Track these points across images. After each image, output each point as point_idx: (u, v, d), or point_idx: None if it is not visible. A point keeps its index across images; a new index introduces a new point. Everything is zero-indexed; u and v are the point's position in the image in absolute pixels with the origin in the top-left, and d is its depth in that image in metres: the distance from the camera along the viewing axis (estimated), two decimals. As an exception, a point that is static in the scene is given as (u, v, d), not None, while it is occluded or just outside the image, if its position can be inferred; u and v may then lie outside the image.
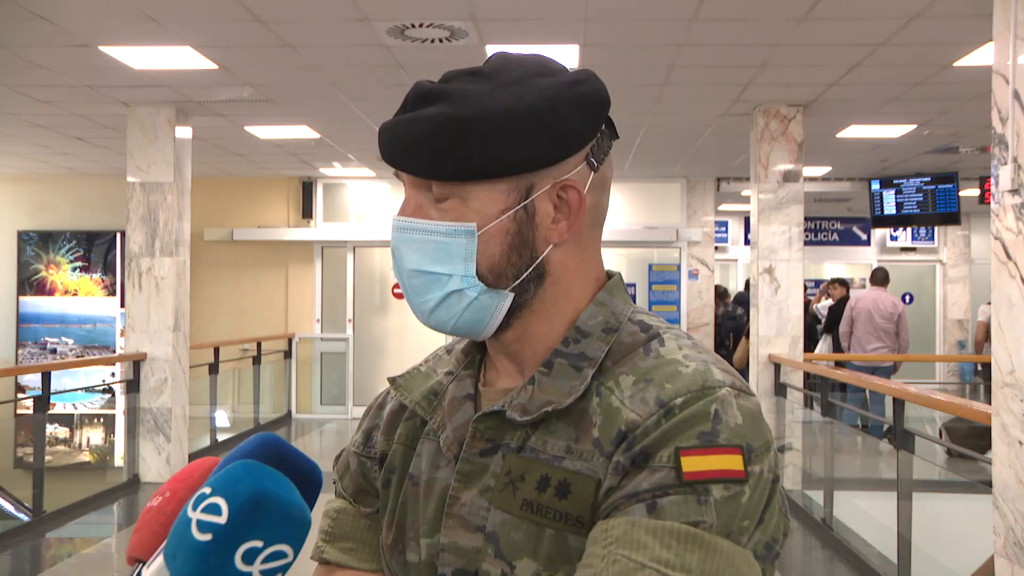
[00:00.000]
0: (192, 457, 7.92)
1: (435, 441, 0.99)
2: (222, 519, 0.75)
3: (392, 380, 1.05)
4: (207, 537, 0.75)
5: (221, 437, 9.44)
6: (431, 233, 0.91)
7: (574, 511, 0.86)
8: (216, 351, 9.42)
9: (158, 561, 0.78)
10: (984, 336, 11.01)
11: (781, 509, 0.87)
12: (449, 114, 0.88)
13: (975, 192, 10.38)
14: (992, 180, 3.56)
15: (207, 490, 0.77)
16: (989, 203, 8.55)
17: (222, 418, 9.92)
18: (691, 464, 0.81)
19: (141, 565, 0.81)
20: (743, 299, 11.76)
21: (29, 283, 11.23)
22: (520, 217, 0.91)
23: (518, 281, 0.93)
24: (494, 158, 0.88)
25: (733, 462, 0.82)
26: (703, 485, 0.81)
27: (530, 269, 0.93)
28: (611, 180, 0.98)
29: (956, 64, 5.91)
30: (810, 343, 10.24)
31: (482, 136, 0.88)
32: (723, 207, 13.14)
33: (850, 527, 5.91)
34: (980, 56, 5.64)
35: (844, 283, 10.87)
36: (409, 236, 0.93)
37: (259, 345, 10.52)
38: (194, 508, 0.76)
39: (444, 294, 0.92)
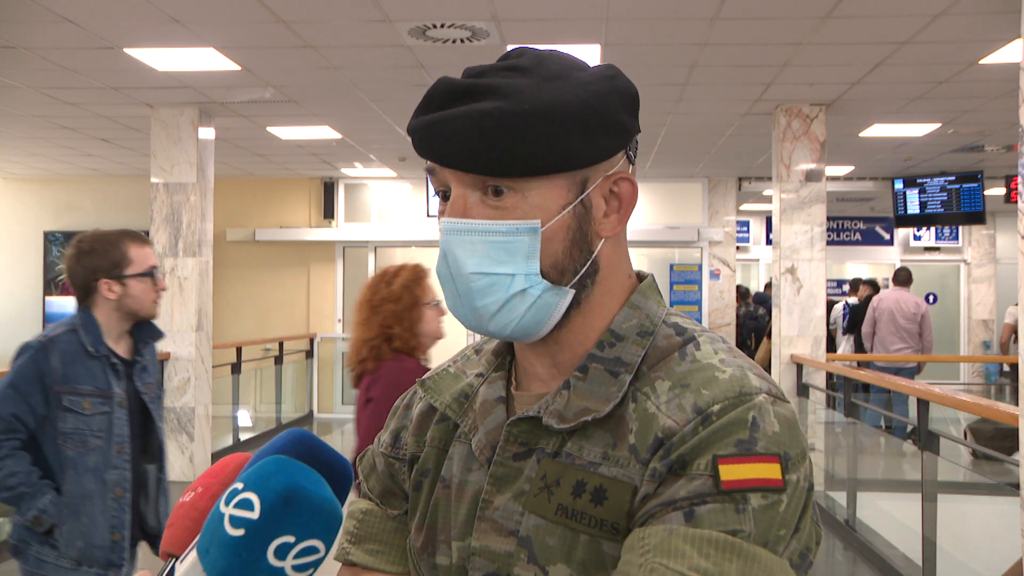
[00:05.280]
0: (215, 456, 7.97)
1: (467, 444, 0.97)
2: (255, 514, 0.75)
3: (421, 382, 1.04)
4: (240, 532, 0.75)
5: (243, 436, 9.49)
6: (489, 233, 0.88)
7: (609, 518, 0.85)
8: (238, 351, 9.47)
9: (191, 556, 0.79)
10: (1010, 337, 10.90)
11: (813, 518, 0.87)
12: (506, 109, 0.85)
13: (1000, 191, 10.28)
14: (1019, 178, 3.52)
15: (239, 485, 0.77)
16: (1015, 202, 8.48)
17: (244, 417, 9.98)
18: (729, 472, 0.81)
19: (174, 560, 0.81)
20: (764, 299, 11.71)
21: (55, 283, 11.34)
22: (579, 212, 0.90)
23: (577, 277, 0.92)
24: (557, 152, 0.87)
25: (771, 471, 0.82)
26: (741, 494, 0.80)
27: (587, 264, 0.92)
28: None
29: (982, 62, 5.85)
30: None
31: (546, 131, 0.86)
32: (745, 207, 13.08)
33: (874, 528, 5.86)
34: (1007, 53, 5.58)
35: (873, 284, 10.80)
36: (465, 238, 0.89)
37: (281, 345, 10.58)
38: (227, 503, 0.77)
39: (509, 295, 0.89)
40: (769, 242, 12.36)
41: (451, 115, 0.87)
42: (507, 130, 0.85)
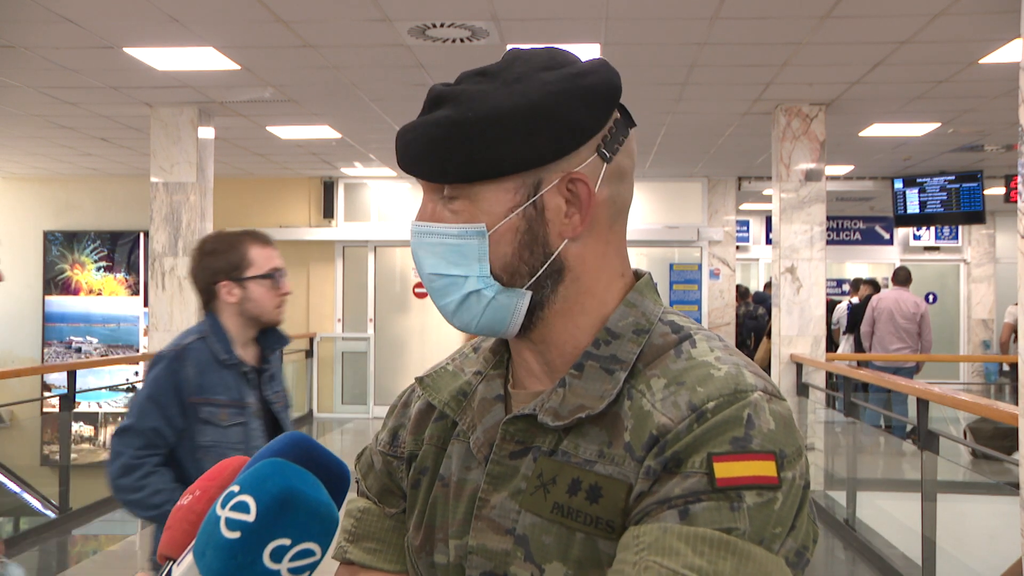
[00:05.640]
0: (215, 455, 7.97)
1: (465, 442, 0.98)
2: (250, 517, 0.75)
3: (419, 379, 1.04)
4: (236, 535, 0.75)
5: (243, 436, 9.48)
6: (444, 236, 0.92)
7: (605, 515, 0.85)
8: (238, 350, 9.46)
9: (188, 559, 0.78)
10: (1009, 337, 10.90)
11: (810, 516, 0.86)
12: (452, 117, 0.89)
13: (1000, 191, 10.28)
14: (1019, 178, 3.52)
15: (236, 488, 0.77)
16: (1015, 201, 8.48)
17: (244, 417, 9.96)
18: (724, 470, 0.81)
19: (171, 563, 0.81)
20: (763, 298, 11.71)
21: (54, 283, 11.34)
22: (529, 214, 0.90)
23: (534, 279, 0.92)
24: (496, 158, 0.88)
25: (766, 468, 0.82)
26: (736, 491, 0.80)
27: (545, 266, 0.92)
28: (631, 170, 0.96)
29: (981, 61, 5.85)
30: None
31: (483, 137, 0.88)
32: (744, 206, 13.09)
33: (873, 528, 5.87)
34: (1006, 53, 5.58)
35: (874, 284, 10.80)
36: (426, 240, 0.94)
37: (281, 344, 10.56)
38: (223, 506, 0.77)
39: (463, 295, 0.92)
40: (769, 242, 12.36)
41: (413, 125, 0.92)
42: (446, 138, 0.89)
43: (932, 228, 13.18)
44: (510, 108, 0.88)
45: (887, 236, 13.78)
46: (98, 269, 11.30)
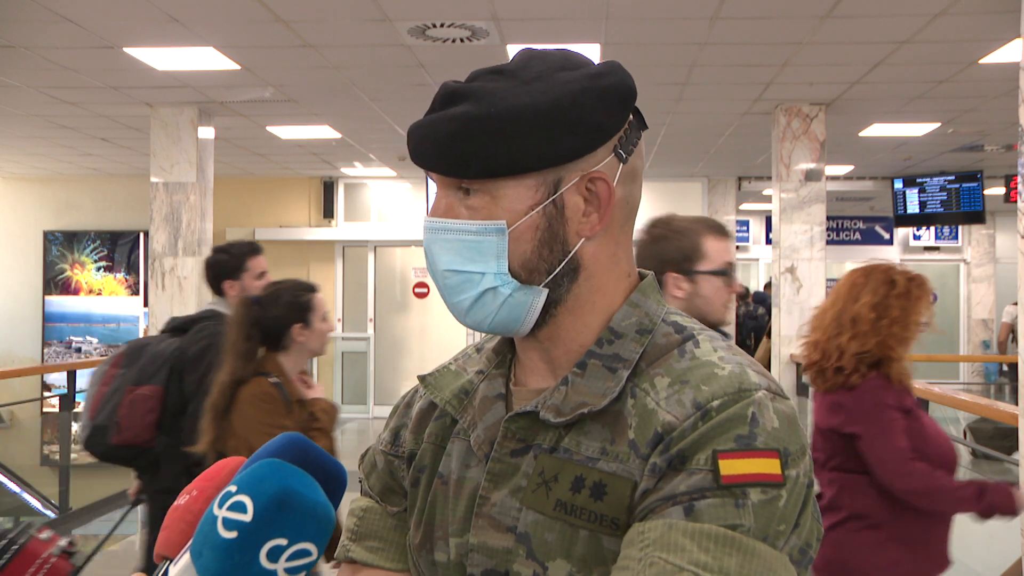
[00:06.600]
0: (214, 455, 7.97)
1: (465, 440, 0.98)
2: (247, 517, 0.75)
3: (422, 378, 1.05)
4: (232, 535, 0.75)
5: (243, 436, 9.48)
6: (462, 232, 0.91)
7: (609, 513, 0.86)
8: (238, 350, 9.45)
9: (184, 559, 0.79)
10: (1008, 336, 10.90)
11: (814, 514, 0.86)
12: (472, 113, 0.88)
13: (1000, 191, 10.28)
14: (1019, 178, 3.52)
15: (233, 488, 0.78)
16: (1015, 201, 8.47)
17: (244, 417, 9.95)
18: (729, 467, 0.81)
19: (168, 563, 0.82)
20: (763, 298, 11.70)
21: (54, 283, 11.34)
22: (550, 212, 0.91)
23: (551, 276, 0.92)
24: (518, 154, 0.88)
25: (770, 466, 0.82)
26: (741, 488, 0.81)
27: (563, 264, 0.92)
28: (642, 171, 0.97)
29: (981, 61, 5.85)
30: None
31: (506, 133, 0.88)
32: (744, 206, 13.08)
33: (873, 528, 5.85)
34: (1006, 53, 5.58)
35: None
36: (441, 236, 0.93)
37: (281, 344, 10.57)
38: (220, 506, 0.77)
39: (478, 293, 0.92)
40: (769, 242, 12.35)
41: (429, 120, 0.91)
42: (467, 133, 0.88)
43: (932, 228, 13.17)
44: (532, 105, 0.88)
45: (887, 236, 13.77)
46: (98, 269, 11.30)
